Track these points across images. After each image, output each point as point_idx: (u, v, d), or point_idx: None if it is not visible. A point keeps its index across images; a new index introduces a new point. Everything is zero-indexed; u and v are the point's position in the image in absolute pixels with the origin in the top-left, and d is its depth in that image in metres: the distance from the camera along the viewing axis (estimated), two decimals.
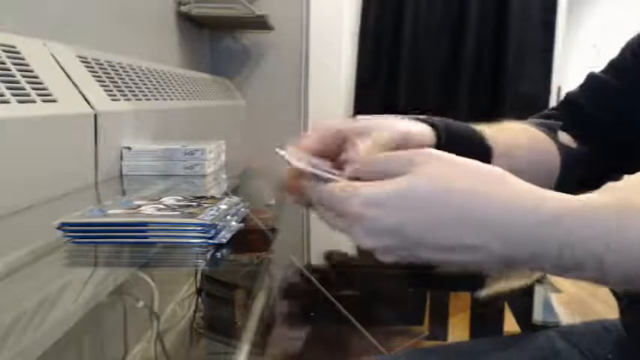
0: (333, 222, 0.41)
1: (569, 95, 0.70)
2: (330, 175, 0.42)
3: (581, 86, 0.69)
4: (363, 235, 0.38)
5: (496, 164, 0.59)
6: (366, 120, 0.53)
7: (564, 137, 0.67)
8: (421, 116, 0.58)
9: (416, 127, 0.55)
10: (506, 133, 0.64)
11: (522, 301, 0.65)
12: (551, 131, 0.67)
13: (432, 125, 0.56)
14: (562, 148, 0.65)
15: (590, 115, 0.67)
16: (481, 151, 0.59)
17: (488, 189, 0.37)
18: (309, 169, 0.43)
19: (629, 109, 0.64)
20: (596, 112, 0.66)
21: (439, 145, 0.57)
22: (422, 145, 0.56)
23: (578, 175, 0.66)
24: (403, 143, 0.51)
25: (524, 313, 0.64)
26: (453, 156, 0.39)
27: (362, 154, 0.48)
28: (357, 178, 0.41)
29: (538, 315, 0.66)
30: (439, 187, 0.37)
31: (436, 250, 0.37)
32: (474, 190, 0.37)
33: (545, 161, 0.64)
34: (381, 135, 0.49)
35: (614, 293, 0.61)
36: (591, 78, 0.69)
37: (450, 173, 0.38)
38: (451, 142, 0.58)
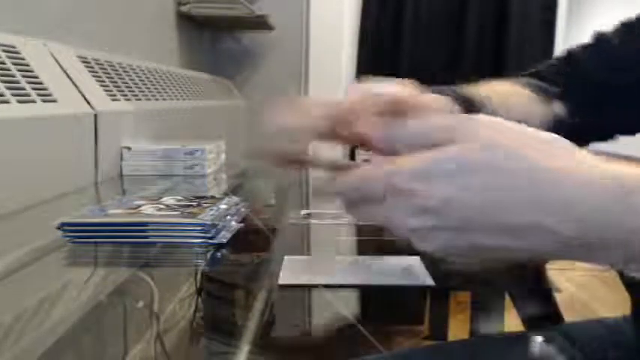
0: (366, 211, 0.35)
1: (571, 50, 0.70)
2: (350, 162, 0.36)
3: (587, 44, 0.70)
4: (407, 215, 0.32)
5: None
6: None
7: (557, 107, 0.67)
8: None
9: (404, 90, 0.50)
10: (500, 95, 0.65)
11: (523, 299, 0.65)
12: (545, 94, 0.67)
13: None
14: (557, 119, 0.65)
15: (590, 69, 0.67)
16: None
17: (558, 162, 0.31)
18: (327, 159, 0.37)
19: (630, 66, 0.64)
20: (596, 64, 0.67)
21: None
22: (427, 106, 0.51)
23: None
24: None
25: (525, 312, 0.65)
26: (503, 121, 0.33)
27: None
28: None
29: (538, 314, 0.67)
30: (500, 158, 0.31)
31: (491, 232, 0.31)
32: (543, 162, 0.31)
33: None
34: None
35: (627, 287, 0.60)
36: (598, 35, 0.69)
37: (511, 141, 0.32)
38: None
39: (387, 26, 2.53)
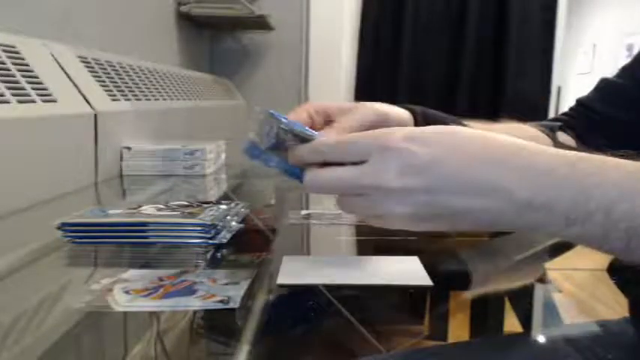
0: (344, 176, 0.40)
1: (581, 99, 0.72)
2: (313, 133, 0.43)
3: (595, 90, 0.71)
4: (396, 173, 0.37)
5: None
6: (350, 103, 0.56)
7: (563, 137, 0.67)
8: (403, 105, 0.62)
9: (395, 110, 0.58)
10: (498, 127, 0.66)
11: (523, 300, 0.65)
12: (550, 130, 0.68)
13: (410, 110, 0.60)
14: (560, 146, 0.66)
15: (605, 115, 0.68)
16: None
17: (519, 145, 0.39)
18: (299, 129, 0.44)
19: None
20: (611, 112, 0.68)
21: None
22: (399, 125, 0.59)
23: None
24: (381, 123, 0.54)
25: (525, 313, 0.65)
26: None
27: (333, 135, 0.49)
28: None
29: (538, 315, 0.67)
30: (476, 135, 0.39)
31: (459, 193, 0.37)
32: (508, 142, 0.38)
33: None
34: (347, 119, 0.53)
35: (623, 290, 0.60)
36: (604, 82, 0.70)
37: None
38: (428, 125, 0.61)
39: (387, 26, 2.53)
